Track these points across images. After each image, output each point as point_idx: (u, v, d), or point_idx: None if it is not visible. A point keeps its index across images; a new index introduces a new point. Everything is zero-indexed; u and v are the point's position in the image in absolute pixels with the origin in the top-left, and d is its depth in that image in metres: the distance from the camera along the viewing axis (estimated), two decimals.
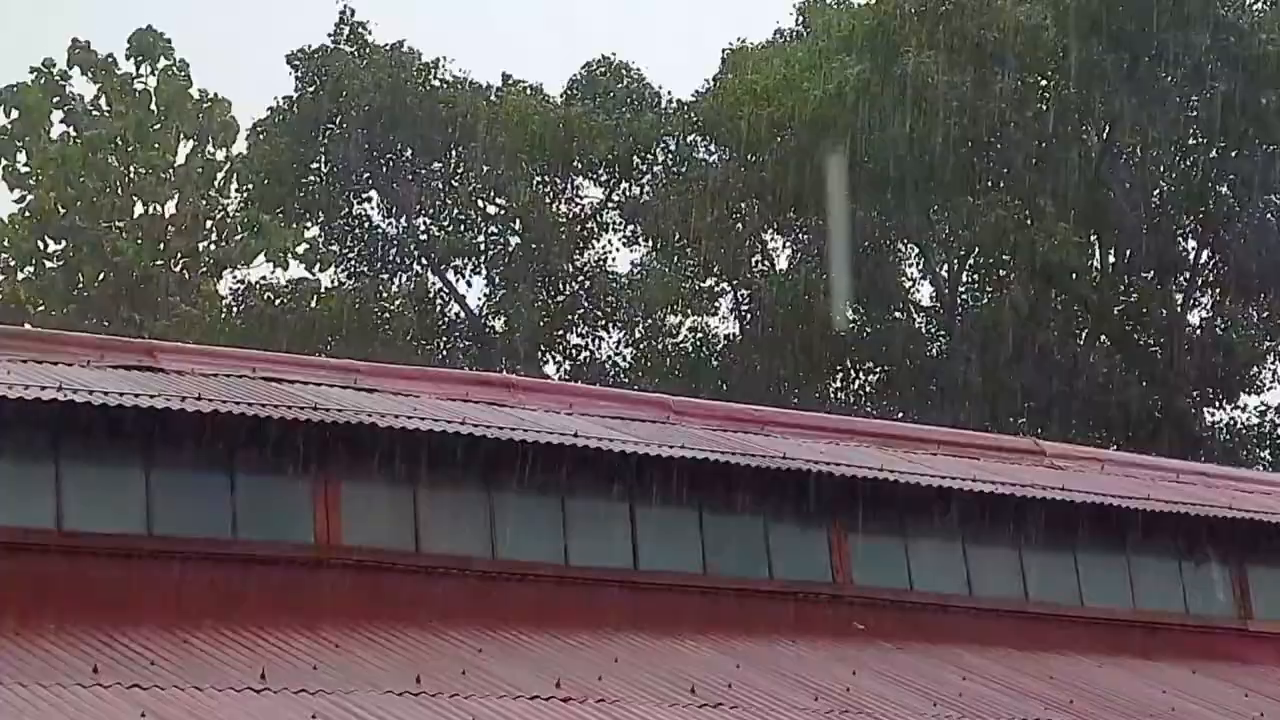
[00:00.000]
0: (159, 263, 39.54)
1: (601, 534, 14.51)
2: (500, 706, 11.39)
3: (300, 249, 39.53)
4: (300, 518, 13.41)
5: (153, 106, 40.37)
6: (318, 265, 38.91)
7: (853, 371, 38.38)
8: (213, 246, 40.64)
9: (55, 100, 40.55)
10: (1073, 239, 33.45)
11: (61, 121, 40.55)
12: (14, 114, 40.38)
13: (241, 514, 13.16)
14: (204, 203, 40.36)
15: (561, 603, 13.95)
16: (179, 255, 40.18)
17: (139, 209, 40.07)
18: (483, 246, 38.65)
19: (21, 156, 40.35)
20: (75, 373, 13.40)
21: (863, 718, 12.51)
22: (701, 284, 38.94)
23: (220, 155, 40.88)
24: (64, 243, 39.75)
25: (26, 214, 40.04)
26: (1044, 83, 35.55)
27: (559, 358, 38.90)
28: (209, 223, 40.45)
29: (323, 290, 38.13)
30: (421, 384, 15.45)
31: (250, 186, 38.83)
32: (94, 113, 40.35)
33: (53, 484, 12.56)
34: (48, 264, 40.11)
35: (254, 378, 14.38)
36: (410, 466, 13.82)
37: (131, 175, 40.01)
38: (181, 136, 40.57)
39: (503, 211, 38.83)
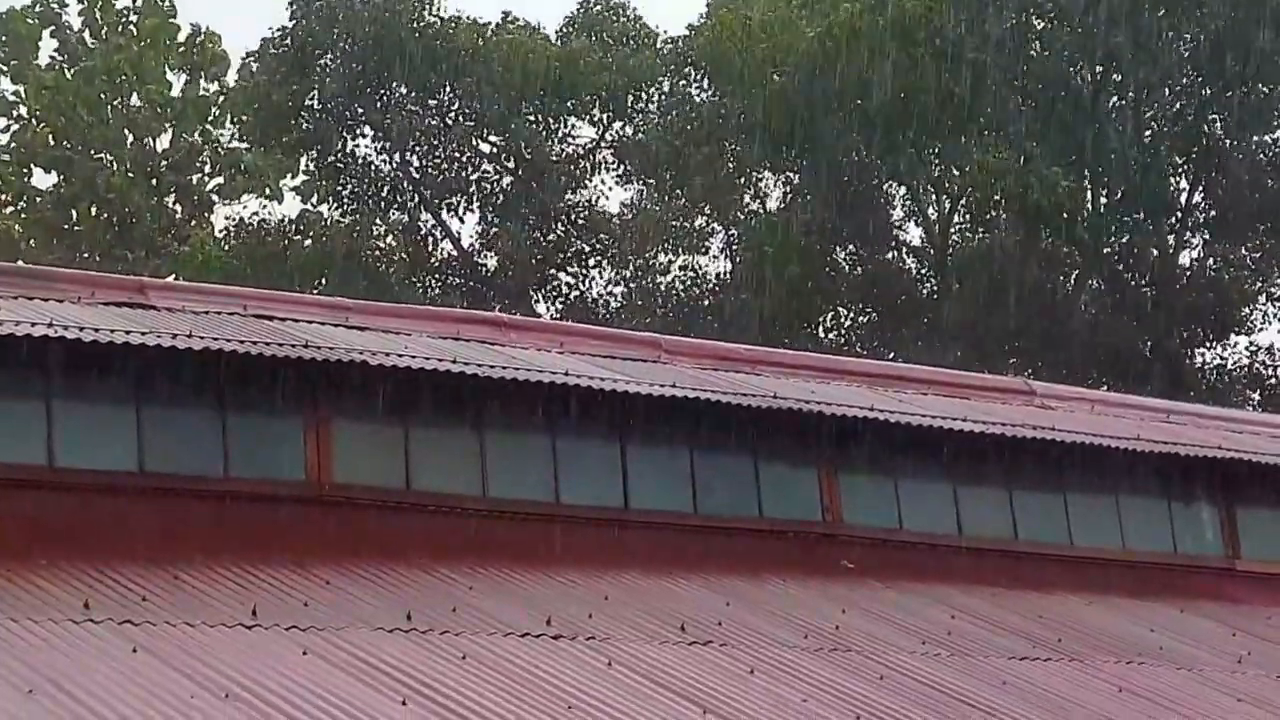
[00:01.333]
0: (152, 199, 39.43)
1: (592, 472, 14.53)
2: (491, 643, 11.43)
3: (293, 183, 39.36)
4: (291, 455, 13.42)
5: (144, 39, 40.12)
6: (312, 199, 38.74)
7: (843, 311, 38.41)
8: (206, 181, 40.50)
9: (50, 30, 40.30)
10: (1064, 180, 33.43)
11: (55, 52, 40.32)
12: (2, 38, 40.10)
13: (233, 451, 13.17)
14: (196, 137, 40.20)
15: (552, 541, 13.98)
16: (172, 190, 40.05)
17: (131, 142, 39.89)
18: (476, 184, 38.61)
19: (7, 83, 40.12)
20: (66, 309, 13.39)
21: (852, 655, 12.56)
22: (693, 224, 38.93)
23: (214, 88, 40.68)
24: (54, 174, 39.59)
25: (15, 145, 39.85)
26: (1038, 24, 35.50)
27: (551, 296, 38.92)
28: (201, 158, 40.29)
29: (315, 227, 38.06)
30: (413, 322, 15.45)
31: (243, 120, 38.68)
32: (89, 43, 40.13)
33: (44, 421, 12.56)
34: (38, 199, 39.98)
35: (246, 315, 14.38)
36: (402, 405, 13.84)
37: (124, 109, 39.83)
38: (173, 69, 40.36)
39: (496, 149, 38.76)
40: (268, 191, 39.53)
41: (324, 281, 35.63)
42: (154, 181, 39.69)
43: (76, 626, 10.59)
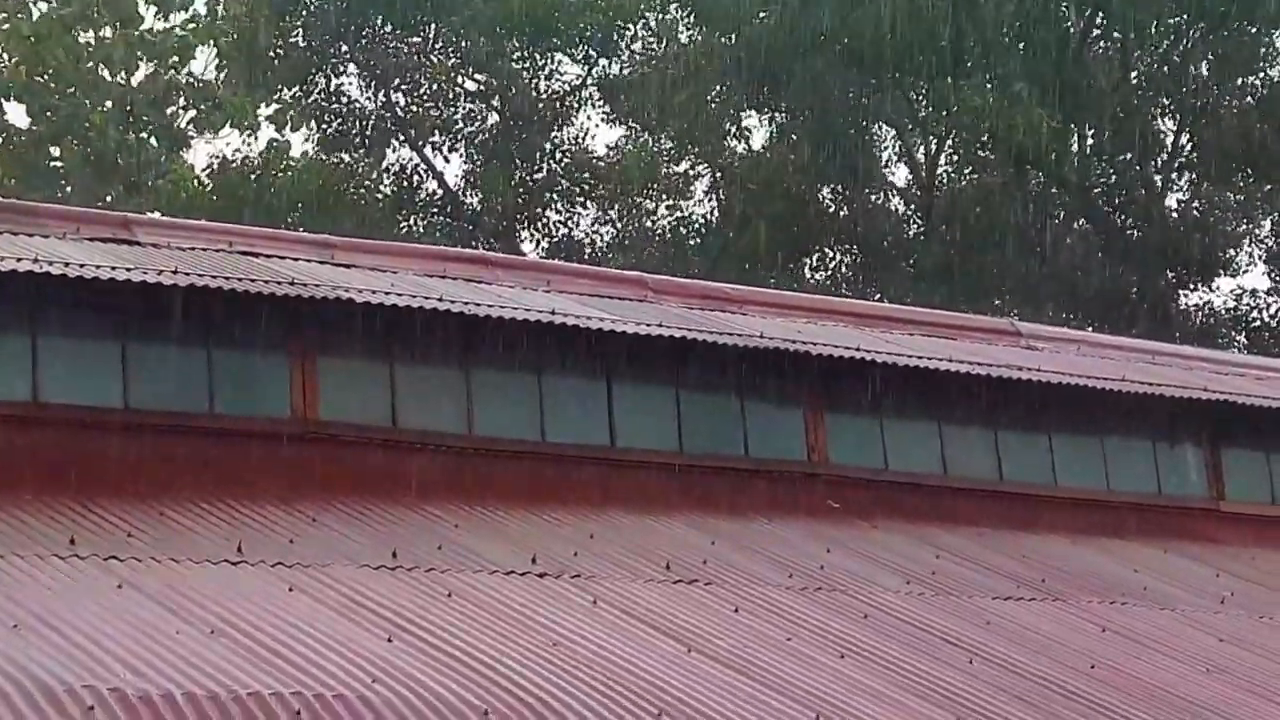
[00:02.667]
0: (129, 135, 39.22)
1: (578, 411, 14.53)
2: (476, 581, 11.44)
3: (270, 111, 39.03)
4: (277, 392, 13.41)
5: None
6: (288, 127, 38.47)
7: (829, 252, 38.39)
8: (180, 115, 40.24)
9: None
10: (1050, 120, 33.38)
11: None
12: None
13: (218, 388, 13.15)
14: (174, 72, 39.92)
15: (537, 479, 13.99)
16: (150, 127, 39.83)
17: (107, 78, 39.62)
18: (461, 122, 38.49)
19: None
20: (51, 245, 13.34)
21: (836, 594, 12.58)
22: (678, 166, 38.86)
23: (186, 19, 40.31)
24: (31, 107, 39.33)
25: None
26: None
27: (536, 235, 38.86)
28: (178, 93, 40.02)
29: (298, 164, 37.91)
30: (398, 260, 15.41)
31: (221, 53, 38.44)
32: None
33: (29, 356, 12.54)
34: (16, 137, 39.76)
35: (230, 252, 14.34)
36: (387, 342, 13.82)
37: (99, 44, 39.53)
38: (146, 2, 39.95)
39: (481, 87, 38.63)
40: (246, 124, 39.25)
41: (308, 219, 35.53)
42: (131, 118, 39.45)
43: (62, 562, 10.59)
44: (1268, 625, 13.92)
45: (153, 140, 39.56)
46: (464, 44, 37.55)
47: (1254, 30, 35.20)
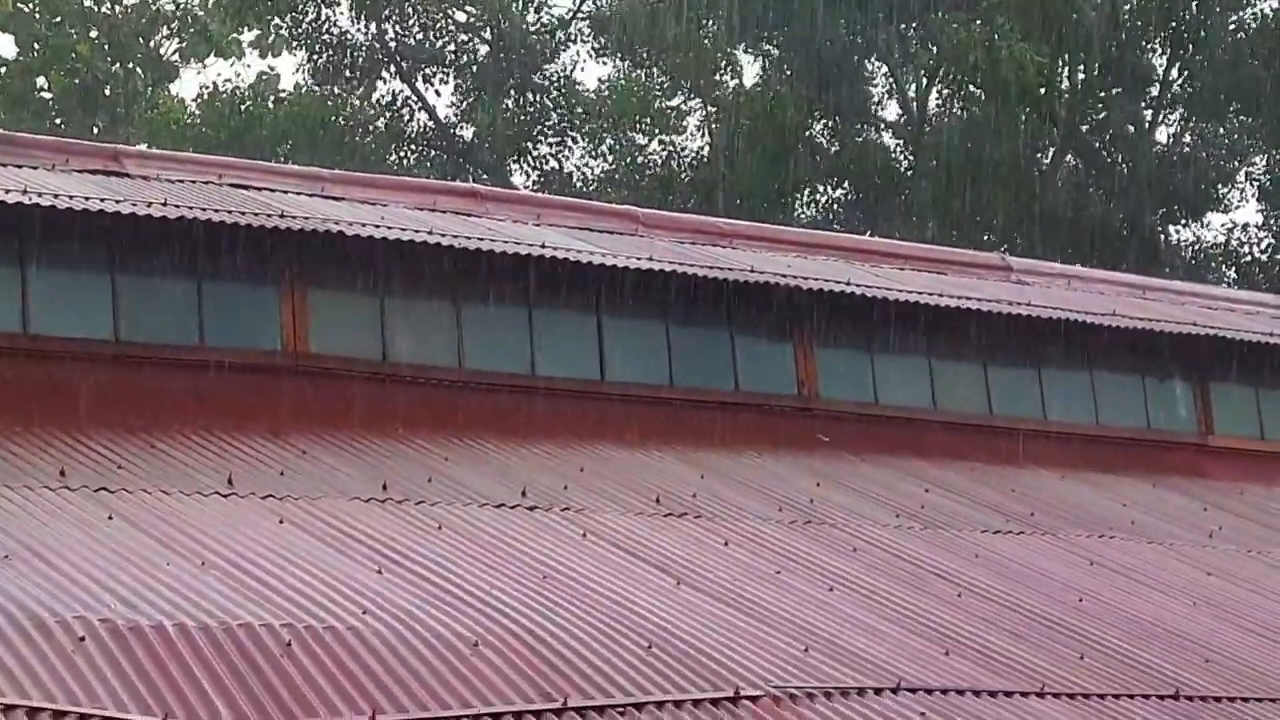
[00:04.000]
0: (116, 66, 39.03)
1: (568, 344, 14.53)
2: (466, 514, 11.46)
3: (253, 37, 38.80)
4: (267, 325, 13.40)
5: None
6: (271, 54, 38.28)
7: (821, 187, 38.31)
8: (168, 44, 40.04)
9: None
10: (1037, 55, 33.27)
11: None
12: None
13: (208, 320, 13.14)
14: (162, 1, 39.71)
15: (528, 412, 14.00)
16: (138, 57, 39.64)
17: (93, 7, 39.39)
18: (452, 55, 38.35)
19: None
20: (41, 176, 13.32)
21: (825, 528, 12.62)
22: (670, 101, 38.73)
23: None
24: (19, 36, 39.11)
25: None
26: None
27: (527, 168, 38.76)
28: (164, 23, 39.81)
29: (289, 97, 37.76)
30: (389, 193, 15.40)
31: None
32: None
33: (19, 288, 12.53)
34: (3, 68, 39.57)
35: (220, 184, 14.31)
36: (377, 275, 13.81)
37: None
38: None
39: (472, 19, 38.47)
40: (230, 52, 39.04)
41: (299, 151, 35.42)
42: (119, 48, 39.25)
43: (52, 494, 10.60)
44: (1254, 559, 13.97)
45: (140, 71, 39.38)
46: None
47: None
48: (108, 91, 38.60)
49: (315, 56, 37.89)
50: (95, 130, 36.83)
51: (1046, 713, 9.40)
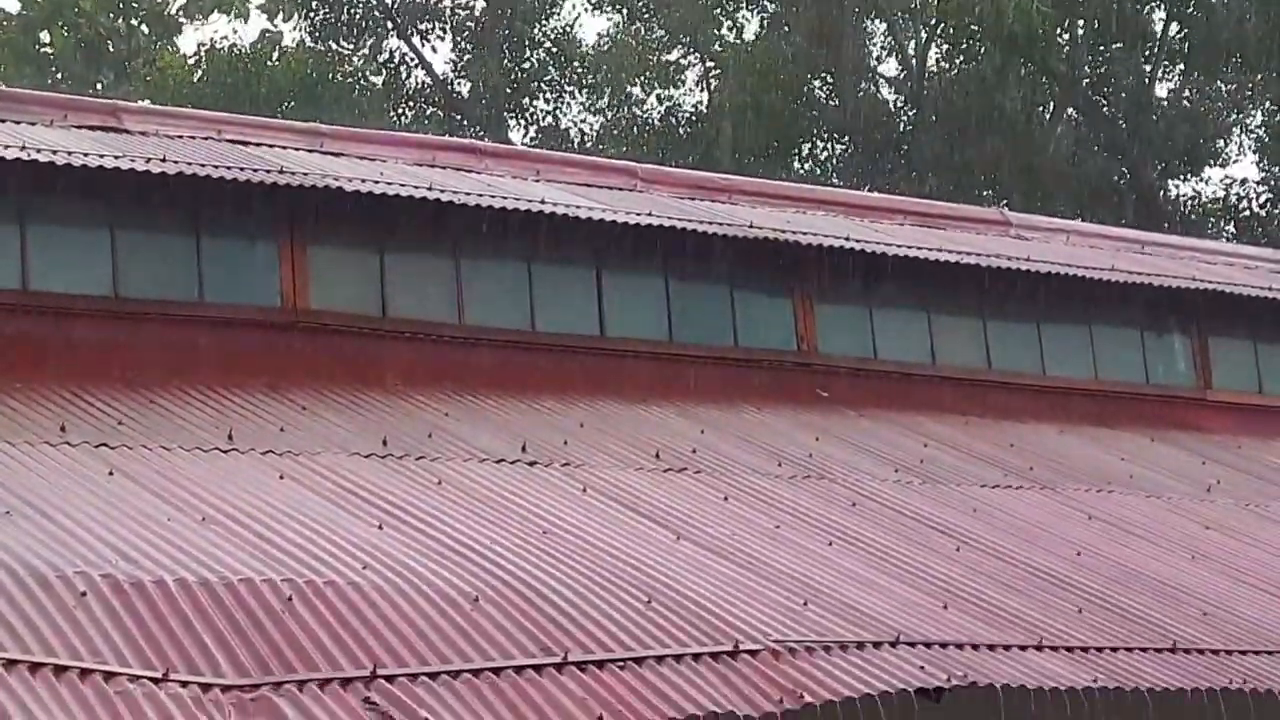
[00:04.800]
0: (119, 21, 38.96)
1: (568, 300, 14.54)
2: (466, 469, 11.48)
3: (262, 0, 38.74)
4: (267, 281, 13.41)
5: None
6: (279, 16, 38.24)
7: (820, 143, 38.28)
8: (174, 2, 39.95)
9: None
10: (1040, 9, 33.20)
11: None
12: None
13: (207, 276, 13.16)
14: None
15: (527, 368, 14.02)
16: (140, 12, 39.56)
17: None
18: (449, 10, 38.27)
19: None
20: (39, 132, 13.31)
21: (825, 482, 12.64)
22: (668, 55, 38.66)
23: None
24: None
25: None
26: None
27: (525, 124, 38.72)
28: None
29: (288, 53, 37.71)
30: (388, 148, 15.39)
31: None
32: None
33: (18, 244, 12.54)
34: (6, 22, 39.48)
35: (220, 140, 14.32)
36: (377, 231, 13.82)
37: None
38: None
39: None
40: (235, 11, 38.97)
41: (297, 107, 35.37)
42: (121, 3, 39.16)
43: (53, 449, 10.62)
44: (1252, 513, 14.00)
45: (143, 27, 39.32)
46: None
47: None
48: (110, 47, 38.53)
49: (313, 13, 37.83)
50: (99, 86, 36.77)
51: (1044, 665, 9.43)
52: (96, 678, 7.43)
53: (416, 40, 38.59)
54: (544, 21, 38.45)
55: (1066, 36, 35.55)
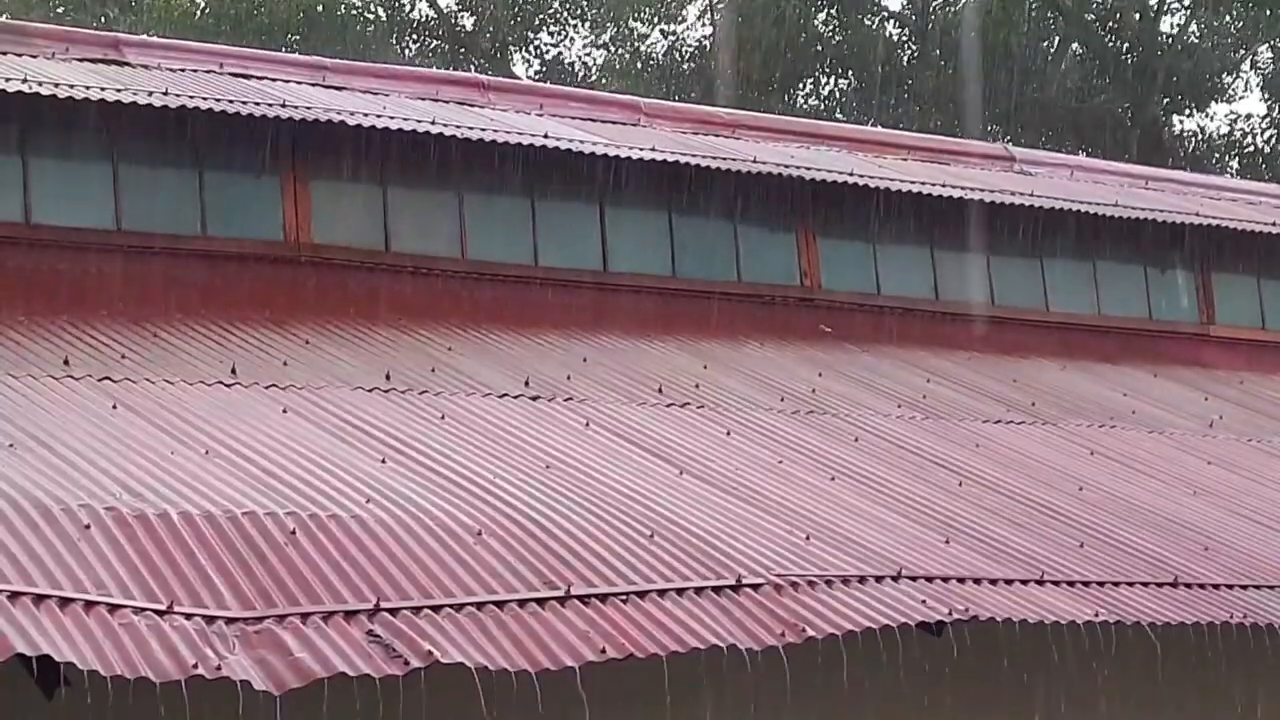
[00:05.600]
0: None
1: (571, 235, 14.53)
2: (469, 404, 11.49)
3: None
4: (269, 215, 13.40)
5: None
6: None
7: (824, 78, 38.18)
8: None
9: None
10: None
11: None
12: None
13: (210, 210, 13.15)
14: None
15: (530, 303, 14.02)
16: None
17: None
18: None
19: None
20: (40, 65, 13.28)
21: (827, 418, 12.65)
22: None
23: None
24: None
25: None
26: None
27: (529, 58, 38.62)
28: None
29: None
30: (391, 82, 15.36)
31: None
32: None
33: (19, 177, 12.53)
34: None
35: (222, 73, 14.28)
36: (380, 165, 13.80)
37: None
38: None
39: None
40: None
41: (300, 41, 35.27)
42: None
43: (56, 382, 10.63)
44: (1255, 448, 14.02)
45: None
46: None
47: None
48: None
49: None
50: (104, 20, 36.64)
51: (1046, 600, 9.45)
52: (101, 610, 7.45)
53: None
54: None
55: None
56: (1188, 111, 37.52)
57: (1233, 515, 11.90)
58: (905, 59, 37.40)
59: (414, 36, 38.65)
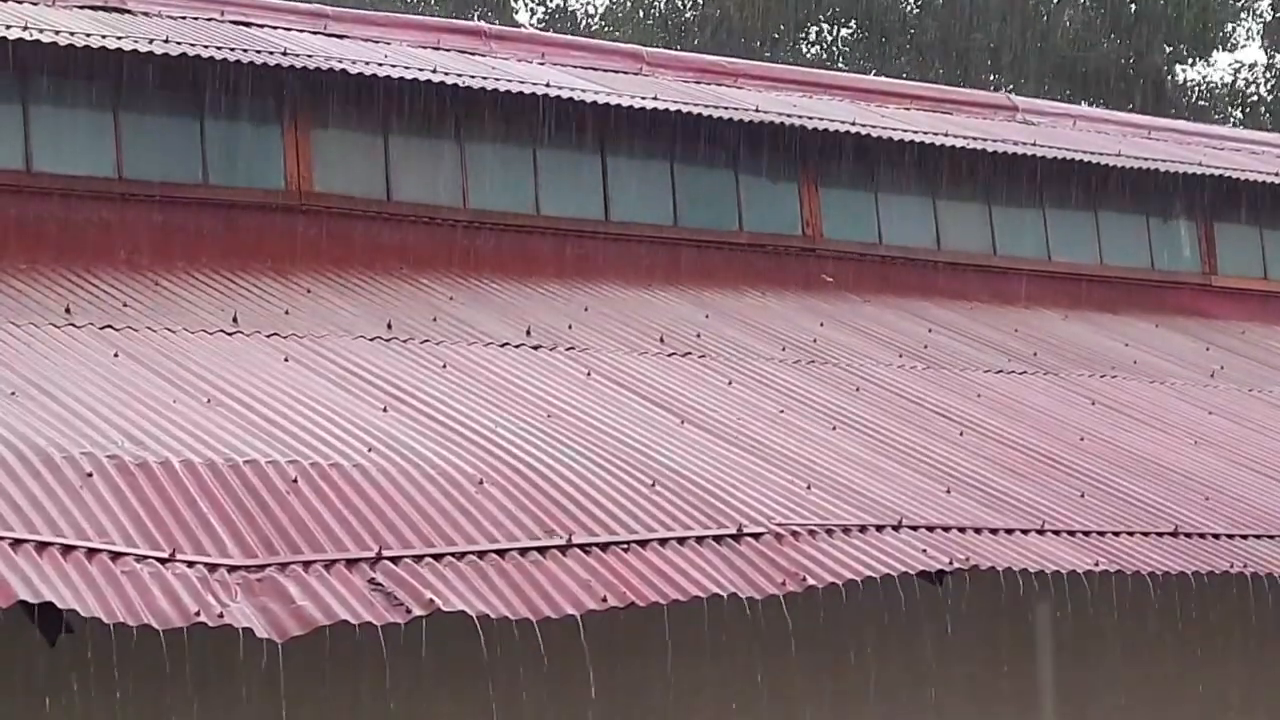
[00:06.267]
0: None
1: (573, 184, 14.51)
2: (471, 353, 11.50)
3: None
4: (270, 164, 13.38)
5: None
6: None
7: (827, 27, 38.07)
8: None
9: None
10: None
11: None
12: None
13: (211, 158, 13.13)
14: None
15: (532, 252, 14.02)
16: None
17: None
18: None
19: None
20: (41, 12, 13.25)
21: (829, 367, 12.66)
22: None
23: None
24: None
25: None
26: None
27: (531, 6, 38.51)
28: None
29: None
30: (393, 30, 15.31)
31: None
32: None
33: (20, 125, 12.50)
34: None
35: (222, 21, 14.24)
36: (382, 114, 13.77)
37: None
38: None
39: None
40: None
41: None
42: None
43: (58, 330, 10.63)
44: (1256, 398, 14.02)
45: None
46: None
47: None
48: None
49: None
50: None
51: (1046, 549, 9.47)
52: (103, 557, 7.46)
53: None
54: None
55: None
56: (1190, 61, 37.43)
57: (1233, 465, 11.91)
58: (908, 8, 37.31)
59: None
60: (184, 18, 14.04)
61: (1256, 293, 17.39)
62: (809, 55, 36.68)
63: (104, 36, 12.79)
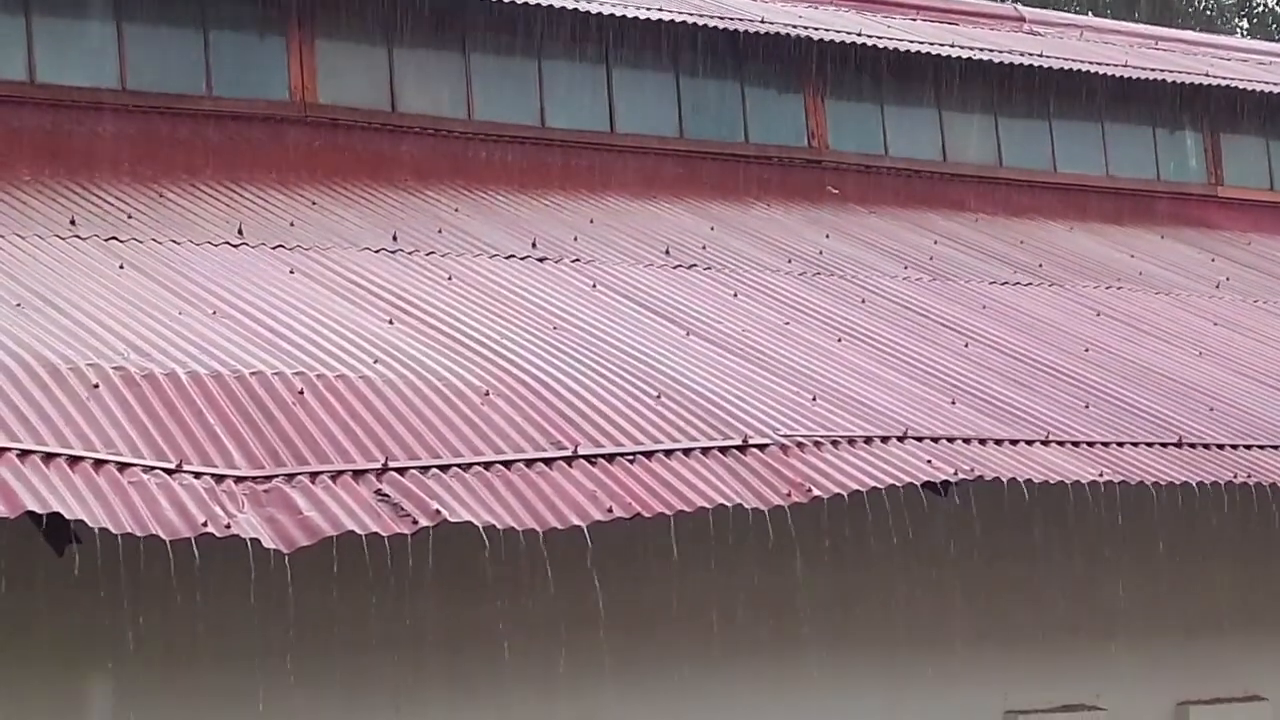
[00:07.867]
0: None
1: (578, 96, 14.47)
2: (476, 265, 11.49)
3: None
4: (275, 75, 13.34)
5: None
6: None
7: None
8: None
9: None
10: None
11: None
12: None
13: (215, 69, 13.08)
14: None
15: (537, 164, 13.99)
16: None
17: None
18: None
19: None
20: None
21: (834, 279, 12.65)
22: None
23: None
24: None
25: None
26: None
27: None
28: None
29: None
30: None
31: None
32: None
33: (24, 37, 12.46)
34: None
35: None
36: (385, 26, 13.71)
37: None
38: None
39: None
40: None
41: None
42: None
43: (63, 242, 10.63)
44: (1261, 309, 14.02)
45: None
46: None
47: None
48: None
49: None
50: None
51: (1051, 460, 9.48)
52: (110, 468, 7.48)
53: None
54: None
55: None
56: None
57: (1238, 376, 11.92)
58: None
59: None
60: None
61: (1263, 203, 17.36)
62: None
63: None
